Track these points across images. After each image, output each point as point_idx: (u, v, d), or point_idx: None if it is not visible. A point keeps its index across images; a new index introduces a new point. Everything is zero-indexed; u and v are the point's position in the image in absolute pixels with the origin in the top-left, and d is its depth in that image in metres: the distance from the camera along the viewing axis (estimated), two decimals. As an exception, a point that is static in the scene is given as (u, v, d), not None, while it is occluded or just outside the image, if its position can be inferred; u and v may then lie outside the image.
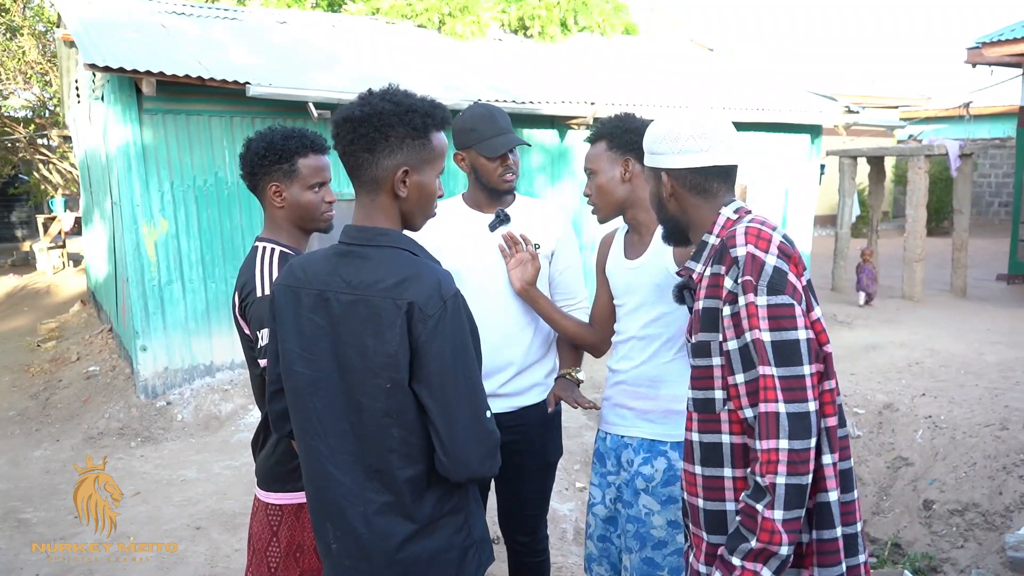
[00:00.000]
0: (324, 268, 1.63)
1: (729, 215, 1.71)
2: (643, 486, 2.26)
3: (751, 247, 1.55)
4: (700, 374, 1.65)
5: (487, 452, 1.58)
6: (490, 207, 2.52)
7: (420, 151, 1.62)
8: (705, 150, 1.69)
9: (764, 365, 1.48)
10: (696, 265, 1.72)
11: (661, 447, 2.27)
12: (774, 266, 1.53)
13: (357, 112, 1.58)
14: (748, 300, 1.51)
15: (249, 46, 7.48)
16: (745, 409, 1.53)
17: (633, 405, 2.32)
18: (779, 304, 1.50)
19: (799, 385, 1.47)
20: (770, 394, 1.47)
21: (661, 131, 1.75)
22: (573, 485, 4.82)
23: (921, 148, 10.24)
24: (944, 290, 10.48)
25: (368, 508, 1.60)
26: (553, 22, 10.28)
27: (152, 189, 6.30)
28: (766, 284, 1.51)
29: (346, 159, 1.61)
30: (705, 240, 1.72)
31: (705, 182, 1.72)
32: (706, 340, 1.62)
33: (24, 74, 13.02)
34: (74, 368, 7.59)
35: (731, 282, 1.55)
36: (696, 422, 1.67)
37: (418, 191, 1.64)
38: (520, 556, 2.74)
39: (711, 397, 1.63)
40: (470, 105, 2.55)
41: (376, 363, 1.54)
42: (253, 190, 2.21)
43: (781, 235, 1.61)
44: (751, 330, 1.51)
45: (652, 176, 1.80)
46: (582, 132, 8.31)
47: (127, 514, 4.51)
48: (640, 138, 2.22)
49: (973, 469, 4.81)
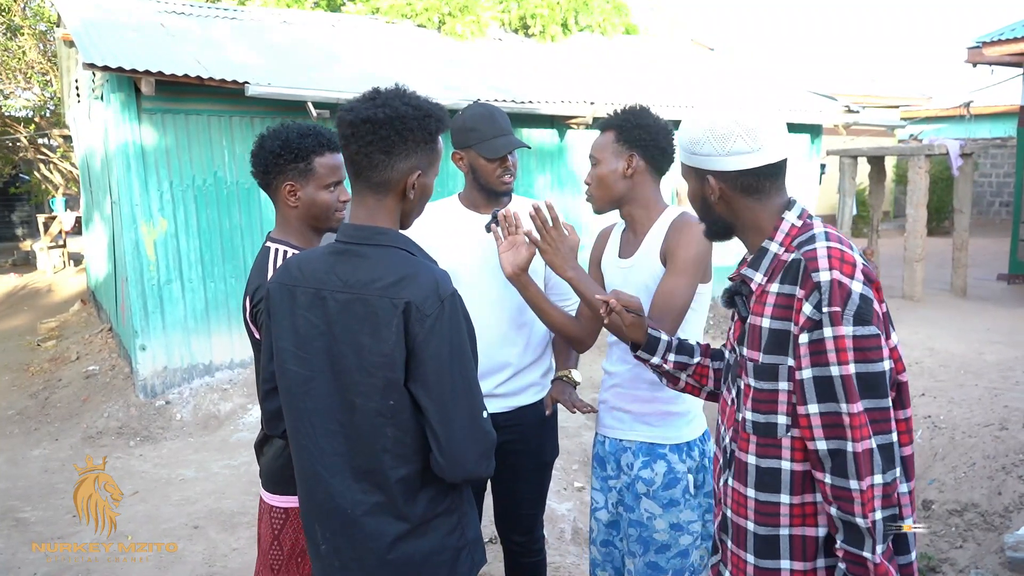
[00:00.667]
0: (321, 266, 1.62)
1: (793, 221, 1.58)
2: (644, 490, 2.25)
3: (837, 273, 1.43)
4: (763, 397, 1.55)
5: (483, 452, 1.58)
6: (486, 208, 2.51)
7: (429, 154, 1.62)
8: (756, 150, 1.55)
9: (853, 402, 1.40)
10: (754, 274, 1.59)
11: (660, 450, 2.25)
12: (860, 294, 1.43)
13: (380, 114, 1.55)
14: (836, 333, 1.41)
15: (248, 46, 7.48)
16: (818, 441, 1.45)
17: (630, 408, 2.31)
18: (866, 335, 1.42)
19: (884, 417, 1.43)
20: (863, 431, 1.40)
21: (703, 130, 1.58)
22: (571, 485, 4.82)
23: (922, 148, 10.23)
24: (944, 290, 10.47)
25: (357, 509, 1.60)
26: (554, 22, 10.28)
27: (151, 188, 6.30)
28: (853, 314, 1.41)
29: (358, 159, 1.58)
30: (765, 247, 1.59)
31: (757, 183, 1.58)
32: (774, 363, 1.52)
33: (25, 74, 13.02)
34: (74, 367, 7.60)
35: (811, 308, 1.44)
36: (754, 445, 1.58)
37: (421, 193, 1.65)
38: (516, 556, 2.73)
39: (773, 422, 1.54)
40: (470, 104, 2.53)
41: (371, 362, 1.54)
42: (265, 188, 2.16)
43: (859, 254, 1.50)
44: (839, 364, 1.41)
45: (694, 177, 1.65)
46: (582, 132, 8.32)
47: (125, 513, 4.51)
48: (650, 134, 2.22)
49: (972, 469, 4.79)
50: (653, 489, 2.24)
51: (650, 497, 2.24)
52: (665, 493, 2.23)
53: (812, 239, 1.51)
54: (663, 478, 2.23)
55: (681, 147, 1.67)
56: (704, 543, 2.27)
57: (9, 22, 12.66)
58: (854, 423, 1.40)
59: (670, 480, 2.23)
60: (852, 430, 1.40)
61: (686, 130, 1.63)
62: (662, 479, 2.23)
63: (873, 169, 11.15)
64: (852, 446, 1.41)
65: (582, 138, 8.41)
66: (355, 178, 1.63)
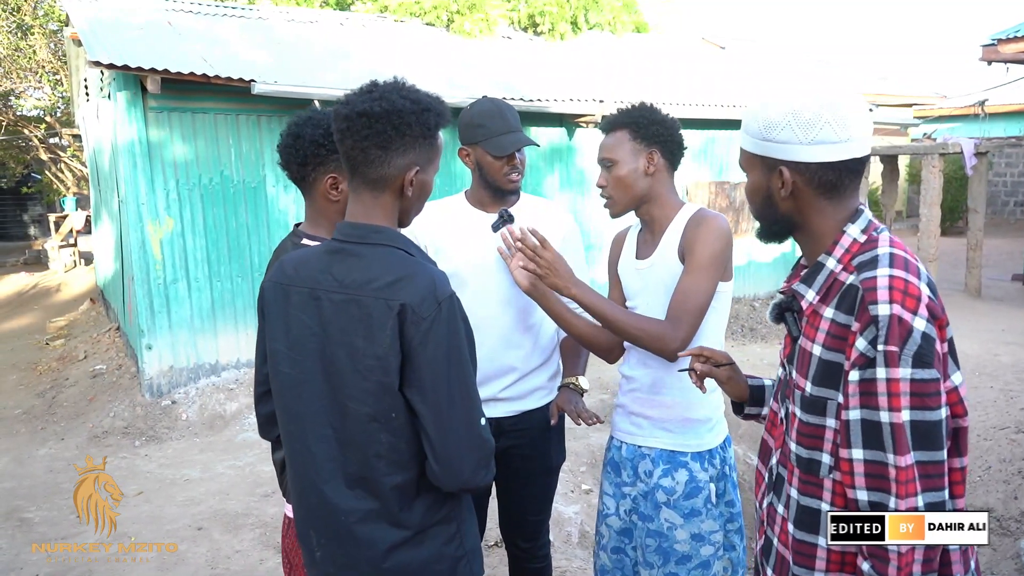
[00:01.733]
0: (316, 266, 1.57)
1: (856, 236, 1.41)
2: (664, 499, 2.18)
3: (897, 307, 1.27)
4: (809, 431, 1.42)
5: (480, 461, 1.52)
6: (493, 206, 2.44)
7: (428, 150, 1.57)
8: (845, 140, 1.36)
9: (903, 454, 1.26)
10: (807, 291, 1.44)
11: (681, 458, 2.18)
12: (923, 333, 1.27)
13: (376, 108, 1.49)
14: (891, 375, 1.26)
15: (255, 44, 7.46)
16: (858, 491, 1.32)
17: (650, 414, 2.23)
18: (925, 379, 1.26)
19: (937, 472, 1.28)
20: (910, 487, 1.26)
21: (784, 113, 1.39)
22: (579, 487, 4.76)
23: (935, 146, 10.12)
24: (958, 290, 10.36)
25: (351, 516, 1.55)
26: (563, 20, 10.22)
27: (158, 187, 6.28)
28: (912, 355, 1.26)
29: (354, 154, 1.52)
30: (822, 263, 1.43)
31: (838, 179, 1.40)
32: (822, 397, 1.39)
33: (35, 73, 13.07)
34: (81, 366, 7.59)
35: (865, 344, 1.29)
36: (797, 479, 1.46)
37: (420, 190, 1.60)
38: (521, 562, 2.68)
39: (817, 459, 1.42)
40: (478, 100, 2.46)
41: (365, 365, 1.49)
42: (299, 181, 2.05)
43: (926, 283, 1.33)
44: (890, 411, 1.27)
45: (760, 167, 1.46)
46: (591, 130, 8.25)
47: (130, 513, 4.49)
48: (667, 129, 2.15)
49: (987, 473, 4.71)
50: (674, 498, 2.16)
51: (671, 507, 2.17)
52: (687, 503, 2.15)
53: (874, 262, 1.35)
54: (684, 487, 2.16)
55: (748, 132, 1.46)
56: (727, 554, 2.20)
57: (20, 21, 12.70)
58: (900, 477, 1.26)
59: (692, 489, 2.16)
60: (898, 485, 1.27)
61: (758, 113, 1.43)
62: (683, 488, 2.16)
63: (886, 168, 11.05)
64: (896, 502, 1.27)
65: (591, 137, 8.35)
66: (351, 174, 1.57)
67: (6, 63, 12.72)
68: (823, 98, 1.37)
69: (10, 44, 12.33)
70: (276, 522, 4.27)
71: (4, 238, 17.43)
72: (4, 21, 11.98)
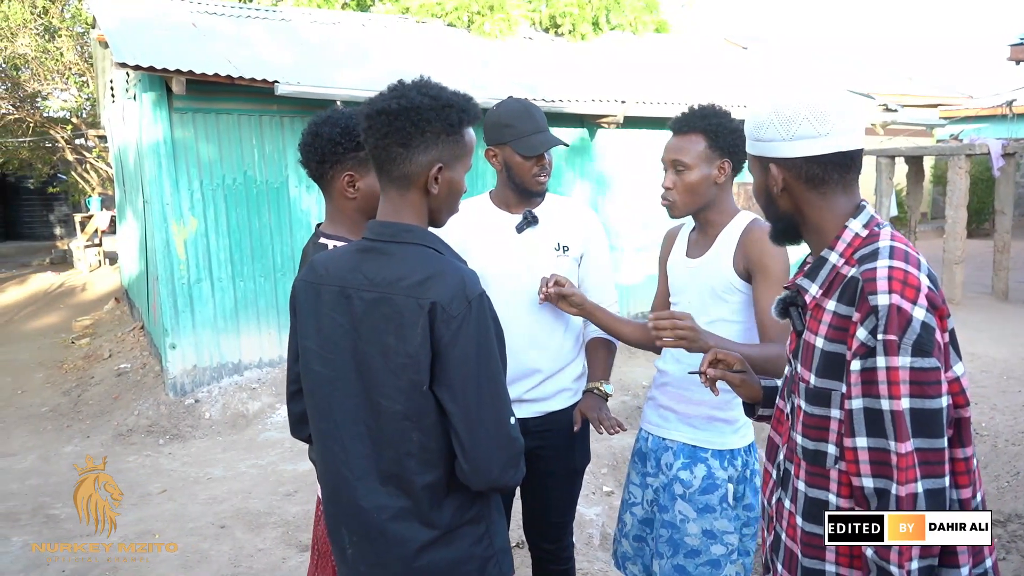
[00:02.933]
0: (346, 264, 1.58)
1: (858, 231, 1.44)
2: (680, 492, 2.21)
3: (897, 297, 1.30)
4: (814, 423, 1.45)
5: (510, 460, 1.52)
6: (518, 207, 2.43)
7: (453, 147, 1.56)
8: (824, 134, 1.41)
9: (903, 441, 1.29)
10: (810, 285, 1.47)
11: (702, 454, 2.22)
12: (922, 322, 1.30)
13: (394, 105, 1.50)
14: (890, 363, 1.29)
15: (278, 45, 7.50)
16: (864, 478, 1.34)
17: (677, 408, 2.28)
18: (924, 368, 1.29)
19: (937, 459, 1.30)
20: (910, 474, 1.29)
21: (767, 113, 1.46)
22: (600, 489, 4.74)
23: (962, 147, 9.98)
24: (985, 293, 10.21)
25: (383, 514, 1.55)
26: (585, 20, 10.20)
27: (182, 187, 6.34)
28: (911, 343, 1.29)
29: (377, 153, 1.54)
30: (824, 257, 1.46)
31: (824, 173, 1.44)
32: (826, 388, 1.42)
33: (62, 75, 13.23)
34: (106, 365, 7.67)
35: (866, 334, 1.32)
36: (804, 472, 1.48)
37: (448, 188, 1.58)
38: (544, 563, 2.67)
39: (823, 451, 1.44)
40: (505, 99, 2.45)
41: (396, 364, 1.49)
42: (318, 179, 2.07)
43: (927, 274, 1.36)
44: (890, 398, 1.29)
45: (758, 167, 1.52)
46: (612, 131, 8.22)
47: (153, 511, 4.53)
48: (740, 141, 2.12)
49: (1016, 479, 4.64)
50: (690, 492, 2.20)
51: (685, 499, 2.20)
52: (701, 497, 2.18)
53: (875, 255, 1.38)
54: (701, 482, 2.19)
55: (747, 134, 1.53)
56: (741, 558, 2.19)
57: (48, 24, 12.87)
58: (901, 464, 1.29)
59: (708, 485, 2.19)
60: (898, 471, 1.29)
61: (752, 115, 1.50)
62: (700, 483, 2.19)
63: (911, 169, 10.92)
64: (896, 488, 1.30)
65: (613, 137, 8.32)
66: (379, 173, 1.58)
67: (34, 65, 12.90)
68: (803, 96, 1.43)
69: (38, 47, 12.50)
70: (298, 521, 4.28)
71: (30, 238, 17.66)
72: (32, 24, 12.14)
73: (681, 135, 2.17)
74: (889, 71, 19.69)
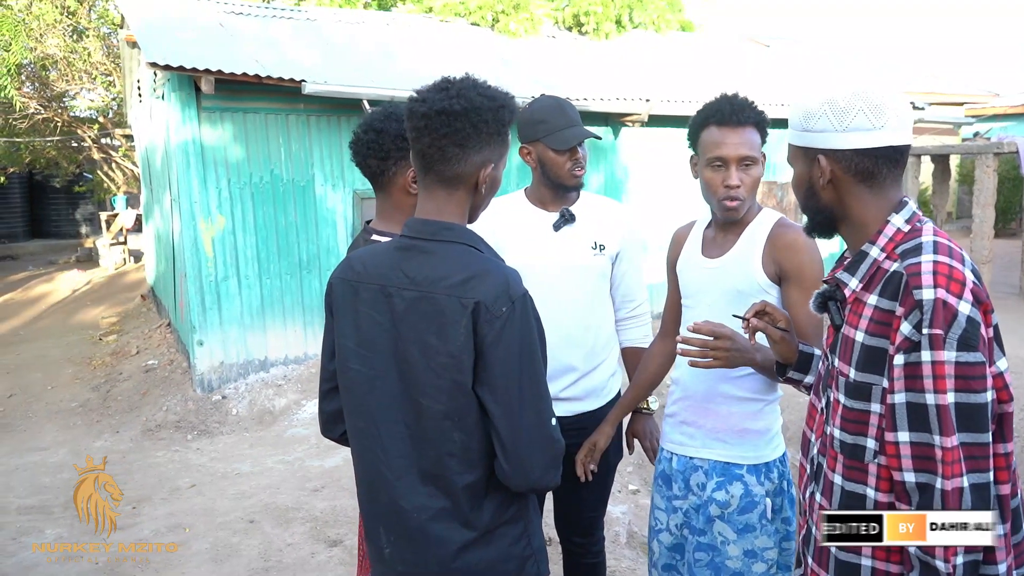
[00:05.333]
0: (385, 262, 1.56)
1: (900, 226, 1.42)
2: (717, 513, 2.07)
3: (942, 291, 1.29)
4: (853, 416, 1.43)
5: (550, 461, 1.51)
6: (554, 205, 2.43)
7: (500, 146, 1.56)
8: (879, 127, 1.38)
9: (949, 435, 1.27)
10: (850, 280, 1.46)
11: (736, 471, 2.08)
12: (968, 316, 1.28)
13: (456, 106, 1.48)
14: (935, 358, 1.28)
15: (305, 44, 7.56)
16: (905, 473, 1.33)
17: (703, 423, 2.14)
18: (970, 362, 1.28)
19: (982, 453, 1.29)
20: (955, 468, 1.28)
21: (820, 103, 1.42)
22: (626, 488, 4.74)
23: (989, 146, 9.86)
24: (1013, 293, 10.09)
25: (423, 514, 1.54)
26: (608, 19, 10.19)
27: (210, 186, 6.40)
28: (957, 338, 1.27)
29: (430, 152, 1.51)
30: (865, 251, 1.45)
31: (875, 166, 1.41)
32: (867, 382, 1.40)
33: (90, 75, 13.38)
34: (134, 361, 7.77)
35: (910, 328, 1.30)
36: (841, 465, 1.47)
37: (491, 186, 1.58)
38: (576, 557, 2.68)
39: (862, 445, 1.42)
40: (537, 97, 2.45)
41: (438, 363, 1.48)
42: (376, 177, 2.04)
43: (971, 269, 1.35)
44: (935, 392, 1.28)
45: (802, 158, 1.49)
46: (636, 129, 8.21)
47: (183, 505, 4.58)
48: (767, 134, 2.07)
49: (1048, 481, 4.59)
50: (728, 512, 2.06)
51: (724, 520, 2.06)
52: (740, 517, 2.05)
53: (918, 249, 1.37)
54: (739, 501, 2.06)
55: (792, 125, 1.50)
56: (780, 573, 2.11)
57: (76, 25, 13.02)
58: (946, 458, 1.28)
59: (747, 504, 2.06)
60: (944, 465, 1.28)
61: (799, 104, 1.47)
62: (738, 502, 2.06)
63: (937, 168, 10.81)
64: (942, 483, 1.28)
65: (637, 136, 8.30)
66: (425, 172, 1.55)
67: (62, 65, 13.05)
68: (857, 87, 1.40)
69: (66, 47, 12.64)
70: (326, 516, 4.32)
71: (57, 236, 17.87)
72: (61, 24, 12.29)
73: (740, 127, 2.02)
74: (914, 69, 19.46)
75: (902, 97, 1.43)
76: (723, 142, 2.01)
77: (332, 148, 6.86)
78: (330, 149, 6.84)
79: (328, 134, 6.82)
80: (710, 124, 2.05)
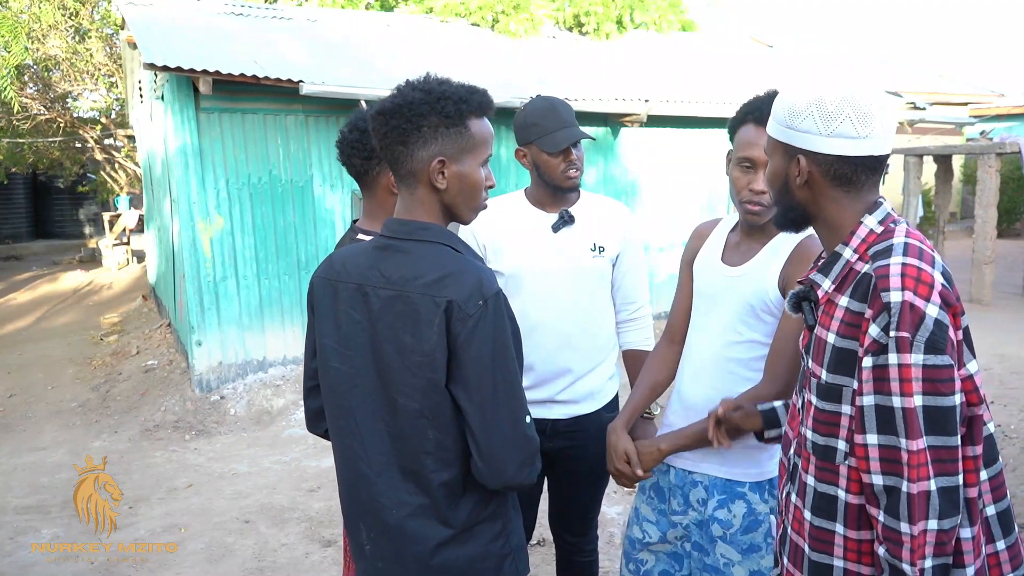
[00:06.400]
0: (363, 261, 1.58)
1: (873, 227, 1.42)
2: (720, 533, 1.99)
3: (909, 294, 1.29)
4: (824, 418, 1.43)
5: (525, 459, 1.51)
6: (553, 206, 2.40)
7: (457, 140, 1.53)
8: (864, 137, 1.37)
9: (915, 439, 1.27)
10: (823, 280, 1.45)
11: (739, 488, 1.99)
12: (935, 319, 1.28)
13: (388, 104, 1.52)
14: (902, 360, 1.28)
15: (303, 45, 7.56)
16: (873, 475, 1.33)
17: None
18: (937, 365, 1.27)
19: (950, 456, 1.28)
20: (922, 471, 1.27)
21: (808, 103, 1.39)
22: (621, 488, 4.73)
23: (992, 146, 9.82)
24: (1015, 294, 10.05)
25: (402, 511, 1.56)
26: (609, 19, 10.18)
27: (208, 186, 6.41)
28: (924, 341, 1.27)
29: (384, 154, 1.55)
30: (838, 252, 1.44)
31: (853, 173, 1.40)
32: (837, 384, 1.40)
33: (92, 76, 13.41)
34: (134, 361, 7.78)
35: (878, 330, 1.30)
36: (813, 466, 1.47)
37: (458, 182, 1.55)
38: (569, 555, 2.69)
39: (833, 446, 1.42)
40: (532, 99, 2.43)
41: (413, 362, 1.49)
42: (361, 176, 2.05)
43: (941, 271, 1.35)
44: (902, 396, 1.28)
45: (781, 153, 1.47)
46: (636, 129, 8.20)
47: (180, 505, 4.59)
48: None
49: (1046, 482, 4.57)
50: (731, 532, 1.98)
51: (727, 541, 1.99)
52: (744, 537, 1.97)
53: (888, 251, 1.36)
54: (743, 520, 1.98)
55: (774, 117, 1.47)
56: None
57: (78, 26, 13.05)
58: (912, 461, 1.27)
59: (750, 523, 1.98)
60: (910, 468, 1.28)
61: (786, 100, 1.44)
62: (741, 521, 1.98)
63: (940, 168, 10.77)
64: (908, 486, 1.28)
65: (636, 136, 8.29)
66: (392, 174, 1.60)
67: (64, 66, 13.09)
68: (847, 92, 1.38)
69: (68, 48, 12.68)
70: (321, 516, 4.32)
71: (60, 236, 17.92)
72: (63, 26, 12.32)
73: (756, 126, 1.91)
74: (918, 68, 19.40)
75: (889, 105, 1.42)
76: (755, 143, 1.89)
77: (330, 149, 6.86)
78: (328, 150, 6.84)
79: (326, 135, 6.83)
80: (748, 121, 1.94)
